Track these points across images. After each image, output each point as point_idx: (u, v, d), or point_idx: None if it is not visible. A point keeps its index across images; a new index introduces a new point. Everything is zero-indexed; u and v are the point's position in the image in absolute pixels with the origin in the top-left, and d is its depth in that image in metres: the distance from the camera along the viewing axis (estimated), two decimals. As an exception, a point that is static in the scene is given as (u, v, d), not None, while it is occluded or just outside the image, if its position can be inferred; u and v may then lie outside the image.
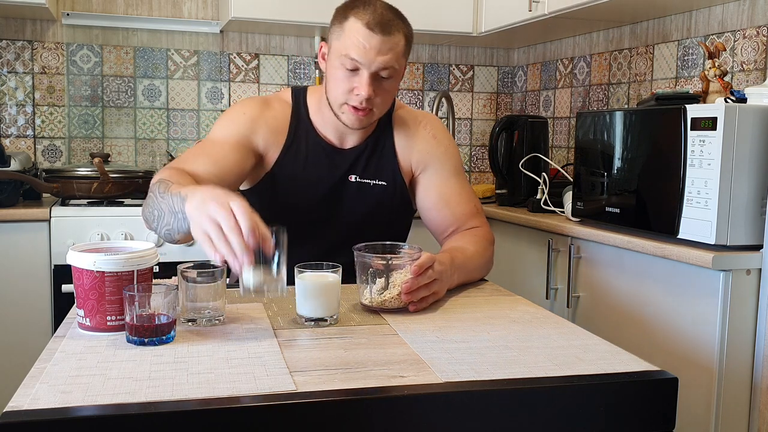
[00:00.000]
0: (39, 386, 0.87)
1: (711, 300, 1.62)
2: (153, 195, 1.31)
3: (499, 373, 0.95)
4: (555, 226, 2.16)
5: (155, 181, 1.34)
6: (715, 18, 2.26)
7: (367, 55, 1.40)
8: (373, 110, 1.48)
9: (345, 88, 1.45)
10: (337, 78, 1.45)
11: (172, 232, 1.27)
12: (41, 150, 2.88)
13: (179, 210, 1.20)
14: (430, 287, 1.27)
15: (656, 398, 0.96)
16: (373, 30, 1.40)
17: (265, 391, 0.87)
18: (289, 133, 1.57)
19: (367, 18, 1.41)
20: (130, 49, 2.94)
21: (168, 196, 1.25)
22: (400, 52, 1.45)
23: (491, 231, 1.64)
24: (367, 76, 1.42)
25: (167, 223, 1.26)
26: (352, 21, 1.42)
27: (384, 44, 1.41)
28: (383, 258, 1.25)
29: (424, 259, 1.25)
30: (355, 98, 1.44)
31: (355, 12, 1.43)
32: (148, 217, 1.34)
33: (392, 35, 1.42)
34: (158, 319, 1.04)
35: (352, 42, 1.41)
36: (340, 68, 1.44)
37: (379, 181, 1.60)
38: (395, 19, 1.44)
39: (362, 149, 1.60)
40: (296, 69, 3.13)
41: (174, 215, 1.23)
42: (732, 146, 1.62)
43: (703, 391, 1.64)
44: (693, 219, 1.69)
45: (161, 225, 1.29)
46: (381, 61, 1.41)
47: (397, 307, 1.26)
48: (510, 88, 3.44)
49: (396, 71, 1.46)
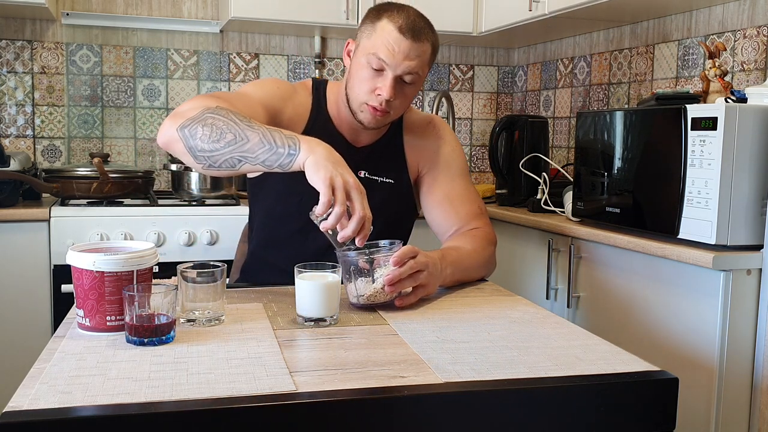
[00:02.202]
0: (39, 386, 0.87)
1: (711, 300, 1.62)
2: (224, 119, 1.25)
3: (500, 373, 0.95)
4: (555, 226, 2.16)
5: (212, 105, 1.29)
6: (716, 18, 2.26)
7: (395, 57, 1.43)
8: (390, 112, 1.49)
9: (368, 88, 1.47)
10: (361, 77, 1.47)
11: (247, 161, 1.24)
12: (41, 150, 2.88)
13: (284, 145, 1.22)
14: (415, 278, 1.28)
15: (656, 398, 0.96)
16: (404, 34, 1.43)
17: (265, 391, 0.86)
18: (309, 120, 1.59)
19: (400, 22, 1.44)
20: (129, 48, 2.94)
21: (260, 128, 1.24)
22: (426, 60, 1.48)
23: (494, 232, 1.64)
24: (391, 78, 1.44)
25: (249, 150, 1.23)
26: (385, 22, 1.45)
27: (413, 50, 1.44)
28: (364, 254, 1.26)
29: (404, 250, 1.27)
30: (376, 98, 1.46)
31: (389, 14, 1.45)
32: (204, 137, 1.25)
33: (421, 42, 1.45)
34: (158, 319, 1.03)
35: (382, 42, 1.44)
36: (365, 67, 1.46)
37: (386, 179, 1.61)
38: (426, 28, 1.47)
39: (373, 148, 1.62)
40: (296, 69, 3.13)
41: (272, 147, 1.22)
42: (732, 146, 1.62)
43: (703, 391, 1.64)
44: (693, 219, 1.69)
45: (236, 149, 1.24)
46: (407, 65, 1.44)
47: (383, 302, 1.26)
48: (510, 88, 3.44)
49: (419, 78, 1.48)
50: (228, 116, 1.27)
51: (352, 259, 1.25)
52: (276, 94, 1.54)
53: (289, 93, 1.58)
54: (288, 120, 1.55)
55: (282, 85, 1.59)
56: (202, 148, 1.26)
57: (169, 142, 1.30)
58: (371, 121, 1.50)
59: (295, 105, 1.58)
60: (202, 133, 1.26)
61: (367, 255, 1.25)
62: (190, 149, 1.27)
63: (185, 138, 1.27)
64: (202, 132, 1.26)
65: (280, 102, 1.54)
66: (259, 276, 1.62)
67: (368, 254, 1.26)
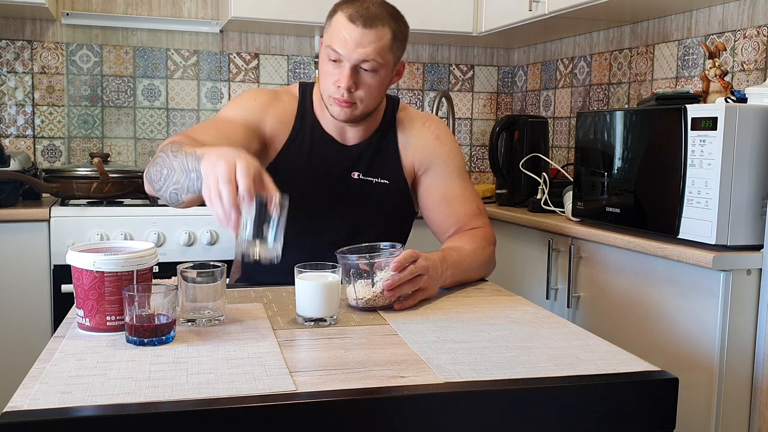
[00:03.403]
0: (39, 386, 0.87)
1: (711, 300, 1.62)
2: (163, 154, 1.28)
3: (500, 373, 0.95)
4: (555, 226, 2.16)
5: (166, 143, 1.33)
6: (716, 18, 2.26)
7: (347, 47, 1.44)
8: (356, 103, 1.49)
9: (330, 81, 1.49)
10: (325, 71, 1.50)
11: (179, 192, 1.24)
12: (41, 150, 2.88)
13: (193, 169, 1.18)
14: (414, 283, 1.28)
15: (656, 398, 0.96)
16: (354, 23, 1.44)
17: (265, 391, 0.86)
18: (294, 125, 1.59)
19: (350, 11, 1.45)
20: (129, 48, 2.94)
21: (182, 155, 1.23)
22: (385, 46, 1.47)
23: (493, 232, 1.64)
24: (348, 68, 1.45)
25: (176, 181, 1.23)
26: (338, 15, 1.47)
27: (364, 37, 1.44)
28: (364, 257, 1.25)
29: (405, 255, 1.26)
30: (337, 90, 1.47)
31: (342, 6, 1.48)
32: (154, 177, 1.30)
33: (374, 29, 1.45)
34: (158, 320, 1.03)
35: (335, 34, 1.46)
36: (326, 60, 1.49)
37: (381, 180, 1.61)
38: (383, 14, 1.47)
39: (366, 146, 1.61)
40: (296, 69, 3.13)
41: (186, 174, 1.21)
42: (732, 146, 1.62)
43: (703, 391, 1.64)
44: (693, 219, 1.69)
45: (169, 183, 1.25)
46: (361, 53, 1.44)
47: (382, 305, 1.26)
48: (510, 88, 3.44)
49: (379, 65, 1.47)
50: (166, 151, 1.27)
51: (352, 262, 1.25)
52: (253, 108, 1.56)
53: (268, 101, 1.59)
54: (271, 129, 1.57)
55: (260, 96, 1.60)
56: (156, 188, 1.31)
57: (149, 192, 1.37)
58: (340, 114, 1.51)
59: (277, 112, 1.58)
60: (153, 173, 1.30)
61: (367, 258, 1.25)
62: (155, 192, 1.32)
63: (150, 183, 1.33)
64: (153, 172, 1.30)
65: (260, 113, 1.56)
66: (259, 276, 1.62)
67: (368, 257, 1.25)
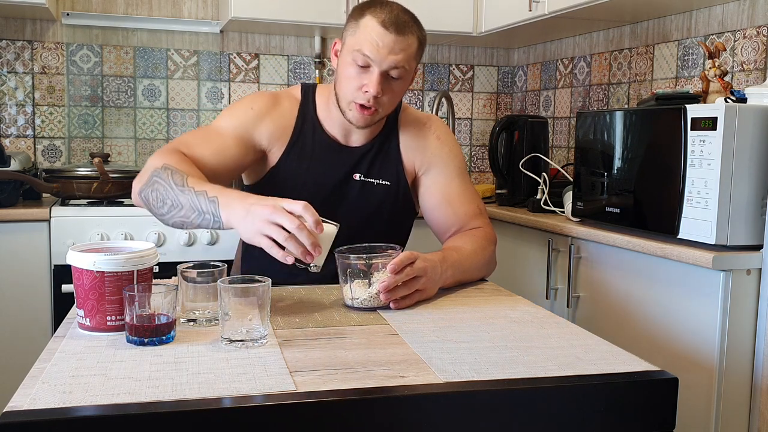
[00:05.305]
0: (39, 386, 0.87)
1: (711, 300, 1.62)
2: (163, 183, 1.32)
3: (500, 373, 0.95)
4: (555, 226, 2.16)
5: (159, 165, 1.34)
6: (715, 18, 2.26)
7: (380, 52, 1.43)
8: (378, 110, 1.49)
9: (355, 85, 1.46)
10: (348, 75, 1.47)
11: (186, 225, 1.31)
12: (41, 150, 2.88)
13: (209, 211, 1.26)
14: (411, 285, 1.28)
15: (656, 398, 0.96)
16: (388, 28, 1.43)
17: (265, 391, 0.87)
18: (295, 128, 1.59)
19: (383, 17, 1.44)
20: (129, 49, 2.94)
21: (189, 192, 1.28)
22: (412, 54, 1.47)
23: (494, 231, 1.64)
24: (378, 73, 1.44)
25: (185, 215, 1.30)
26: (368, 18, 1.45)
27: (397, 44, 1.44)
28: (362, 258, 1.25)
29: (402, 257, 1.26)
30: (363, 96, 1.46)
31: (372, 10, 1.46)
32: (154, 203, 1.34)
33: (406, 36, 1.45)
34: (158, 319, 1.04)
35: (366, 38, 1.44)
36: (351, 64, 1.46)
37: (383, 181, 1.61)
38: (410, 22, 1.47)
39: (368, 148, 1.61)
40: (296, 69, 3.13)
41: (200, 214, 1.27)
42: (732, 146, 1.62)
43: (703, 391, 1.64)
44: (693, 219, 1.69)
45: (175, 215, 1.31)
46: (392, 60, 1.44)
47: (379, 306, 1.26)
48: (510, 88, 3.44)
49: (406, 72, 1.48)
50: (167, 180, 1.32)
51: (350, 262, 1.25)
52: (249, 118, 1.55)
53: (265, 108, 1.58)
54: (268, 136, 1.56)
55: (257, 103, 1.58)
56: (156, 213, 1.36)
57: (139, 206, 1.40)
58: (360, 120, 1.50)
59: (276, 118, 1.58)
60: (152, 198, 1.34)
61: (365, 259, 1.25)
62: (154, 215, 1.37)
63: (146, 204, 1.37)
64: (152, 198, 1.35)
65: (255, 122, 1.55)
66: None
67: (366, 258, 1.25)
